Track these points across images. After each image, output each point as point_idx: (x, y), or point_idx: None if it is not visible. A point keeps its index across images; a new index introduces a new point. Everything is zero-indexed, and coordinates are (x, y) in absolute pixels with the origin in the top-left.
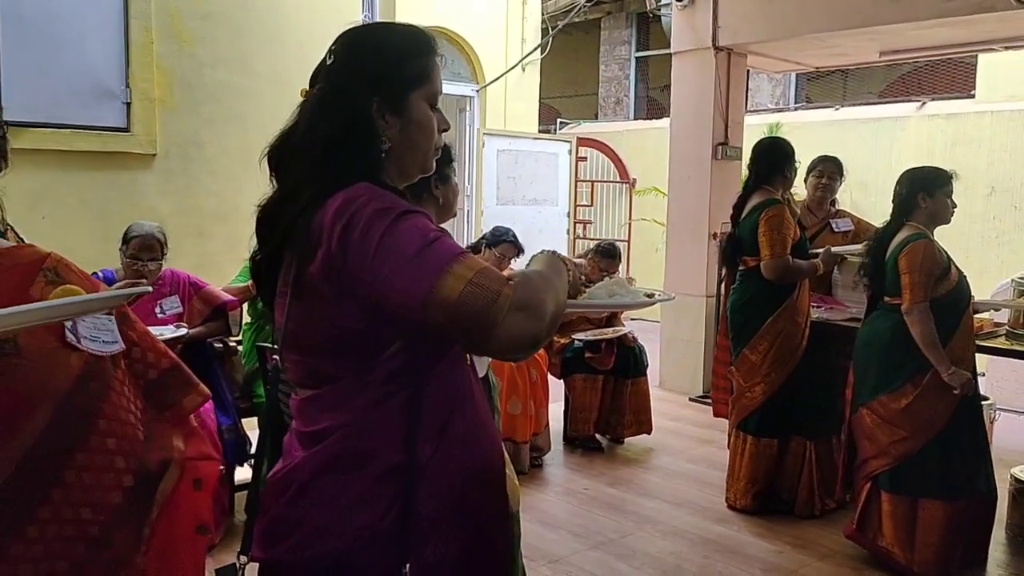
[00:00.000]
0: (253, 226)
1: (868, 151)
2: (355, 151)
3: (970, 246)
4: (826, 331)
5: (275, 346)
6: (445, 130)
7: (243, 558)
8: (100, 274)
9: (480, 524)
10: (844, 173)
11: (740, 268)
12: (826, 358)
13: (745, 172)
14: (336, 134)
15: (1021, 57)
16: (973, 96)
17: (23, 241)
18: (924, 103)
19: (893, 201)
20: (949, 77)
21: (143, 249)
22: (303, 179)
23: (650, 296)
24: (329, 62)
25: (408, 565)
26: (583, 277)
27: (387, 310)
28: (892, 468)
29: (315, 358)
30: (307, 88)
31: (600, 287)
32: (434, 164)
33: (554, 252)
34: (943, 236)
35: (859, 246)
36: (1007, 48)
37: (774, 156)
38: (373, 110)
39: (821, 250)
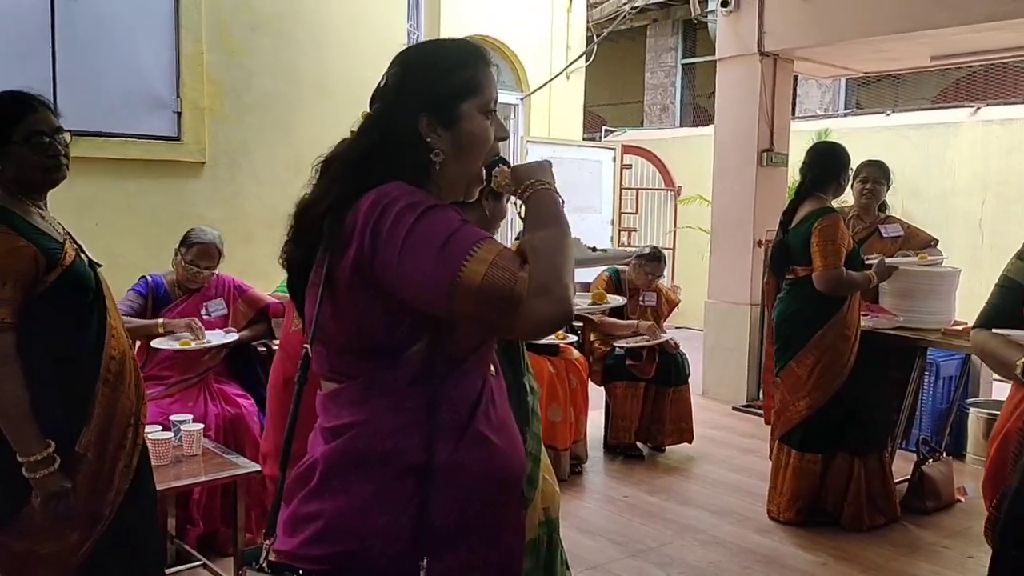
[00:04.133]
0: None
1: (920, 158)
2: (396, 160)
3: None
4: (876, 341)
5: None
6: (503, 138)
7: (267, 541)
8: (149, 278)
9: (498, 526)
10: (891, 178)
11: (788, 277)
12: (875, 371)
13: (794, 178)
14: (377, 144)
15: None
16: None
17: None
18: (978, 108)
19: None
20: (1005, 82)
21: (203, 256)
22: (340, 180)
23: (600, 251)
24: (383, 84)
25: (423, 565)
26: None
27: (415, 305)
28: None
29: (339, 353)
30: (367, 111)
31: None
32: (484, 176)
33: (540, 186)
34: (999, 241)
35: (913, 257)
36: None
37: (830, 162)
38: (422, 125)
39: (874, 260)
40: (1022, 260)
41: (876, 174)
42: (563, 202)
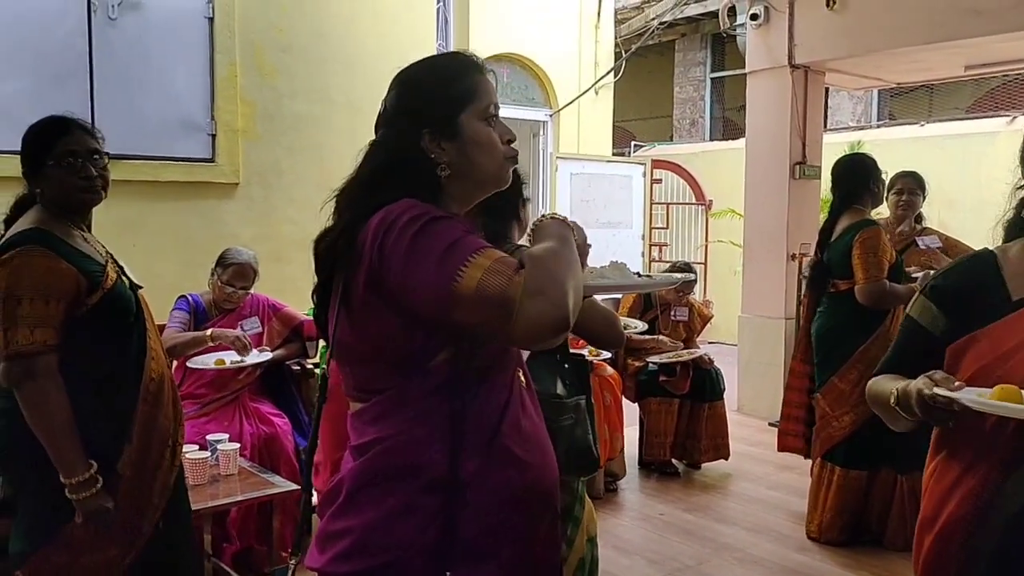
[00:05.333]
0: None
1: (955, 168)
2: (404, 179)
3: None
4: None
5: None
6: (511, 141)
7: (293, 560)
8: (189, 297)
9: (529, 542)
10: (926, 189)
11: (829, 291)
12: None
13: (826, 191)
14: (384, 166)
15: None
16: None
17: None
18: (1015, 118)
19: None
20: None
21: (238, 276)
22: (351, 205)
23: (645, 276)
24: (383, 110)
25: None
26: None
27: (424, 315)
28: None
29: (362, 370)
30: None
31: (596, 271)
32: (510, 176)
33: (554, 216)
34: None
35: None
36: None
37: (858, 171)
38: (425, 141)
39: (920, 274)
40: (929, 298)
41: (911, 185)
42: (579, 242)
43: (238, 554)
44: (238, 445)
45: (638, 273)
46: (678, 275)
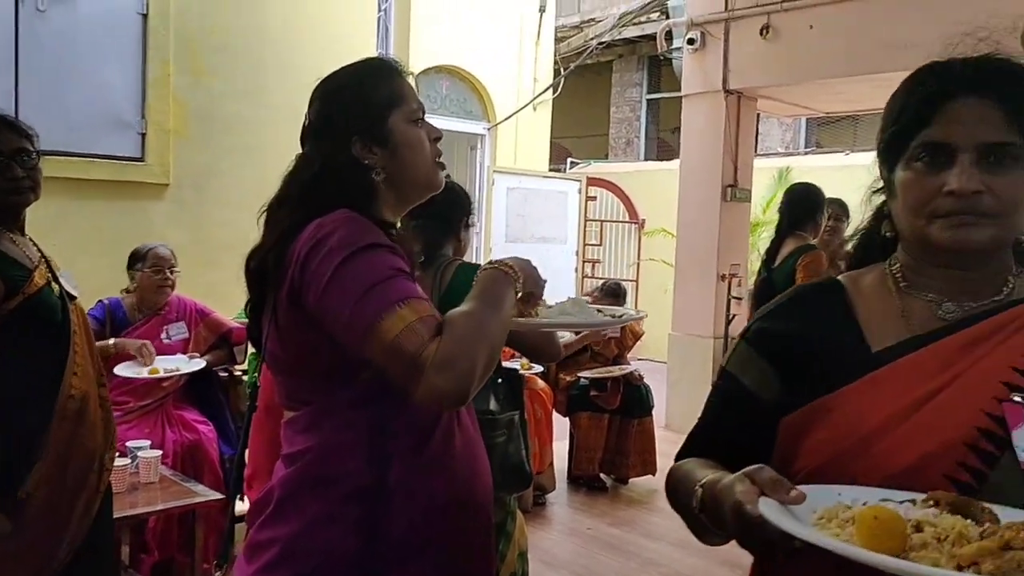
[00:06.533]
0: None
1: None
2: (335, 191)
3: None
4: None
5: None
6: (438, 138)
7: (218, 573)
8: (106, 302)
9: (459, 555)
10: (849, 214)
11: None
12: None
13: (755, 214)
14: (317, 177)
15: None
16: None
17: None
18: None
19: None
20: None
21: (163, 261)
22: (285, 218)
23: (616, 316)
24: (308, 123)
25: None
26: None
27: (335, 339)
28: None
29: (291, 380)
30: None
31: (555, 307)
32: (443, 180)
33: (499, 266)
34: None
35: None
36: None
37: (807, 202)
38: (357, 149)
39: None
40: (753, 345)
41: (837, 211)
42: (519, 291)
43: (157, 565)
44: (159, 452)
45: (599, 310)
46: (631, 312)
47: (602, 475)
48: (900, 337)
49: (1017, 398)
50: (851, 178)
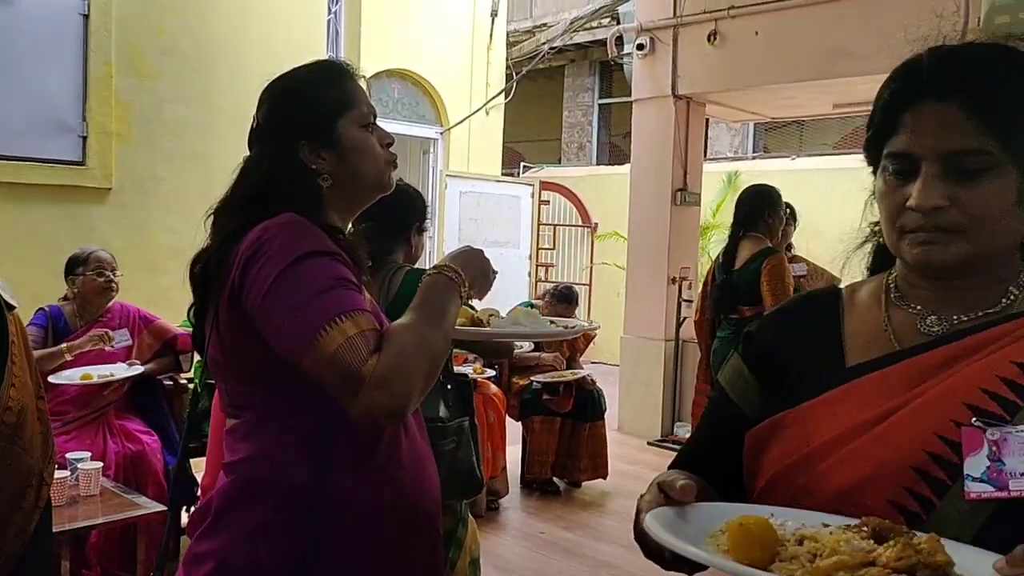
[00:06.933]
0: None
1: (823, 201)
2: (284, 193)
3: None
4: None
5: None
6: (389, 144)
7: None
8: (47, 309)
9: (401, 564)
10: (796, 219)
11: (732, 317)
12: None
13: (706, 218)
14: (263, 181)
15: None
16: None
17: None
18: None
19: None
20: None
21: (103, 264)
22: (230, 222)
23: (567, 328)
24: (256, 125)
25: None
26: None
27: (275, 348)
28: None
29: (232, 386)
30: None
31: (507, 317)
32: (393, 181)
33: (443, 271)
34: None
35: None
36: None
37: (754, 201)
38: (305, 153)
39: None
40: (742, 356)
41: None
42: (465, 295)
43: None
44: (100, 464)
45: (552, 321)
46: (583, 323)
47: (555, 479)
48: (880, 352)
49: (978, 423)
50: (797, 182)
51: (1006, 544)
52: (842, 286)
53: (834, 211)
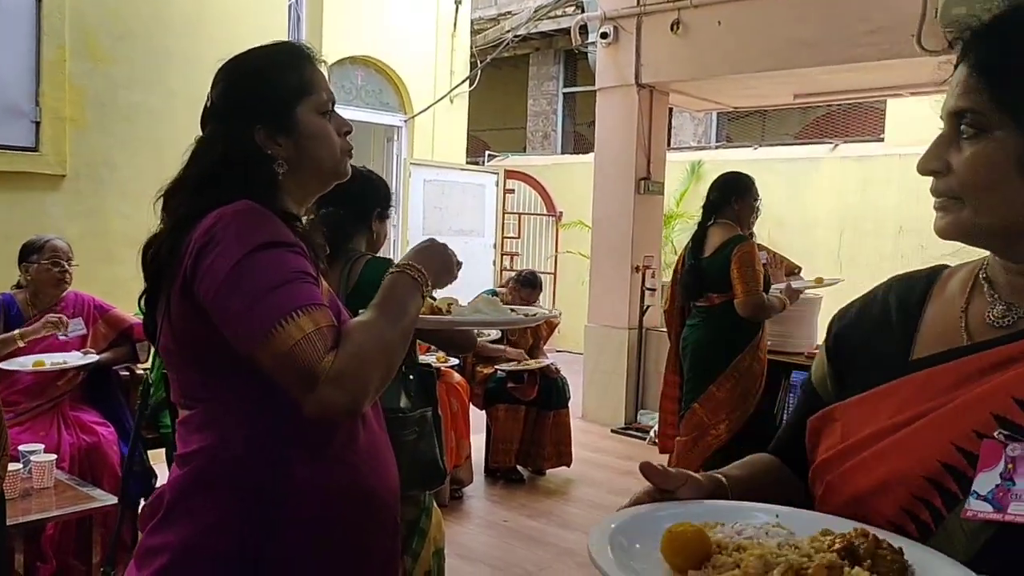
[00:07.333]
0: None
1: (784, 190)
2: (236, 180)
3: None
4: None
5: None
6: (348, 132)
7: None
8: (0, 299)
9: (357, 556)
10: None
11: (701, 304)
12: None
13: (670, 209)
14: (217, 165)
15: (927, 103)
16: (882, 140)
17: None
18: (837, 145)
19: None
20: (860, 121)
21: (60, 251)
22: (182, 206)
23: (529, 316)
24: (209, 105)
25: None
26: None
27: (230, 341)
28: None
29: (186, 377)
30: (200, 135)
31: (469, 305)
32: (349, 169)
33: (406, 269)
34: (856, 273)
35: (811, 280)
36: (913, 94)
37: (722, 187)
38: (260, 137)
39: (781, 286)
40: (826, 343)
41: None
42: (427, 293)
43: (54, 575)
44: (54, 456)
45: (512, 309)
46: (544, 311)
47: (519, 467)
48: (947, 346)
49: (1000, 436)
50: (759, 172)
51: (1001, 572)
52: (949, 264)
53: (795, 200)
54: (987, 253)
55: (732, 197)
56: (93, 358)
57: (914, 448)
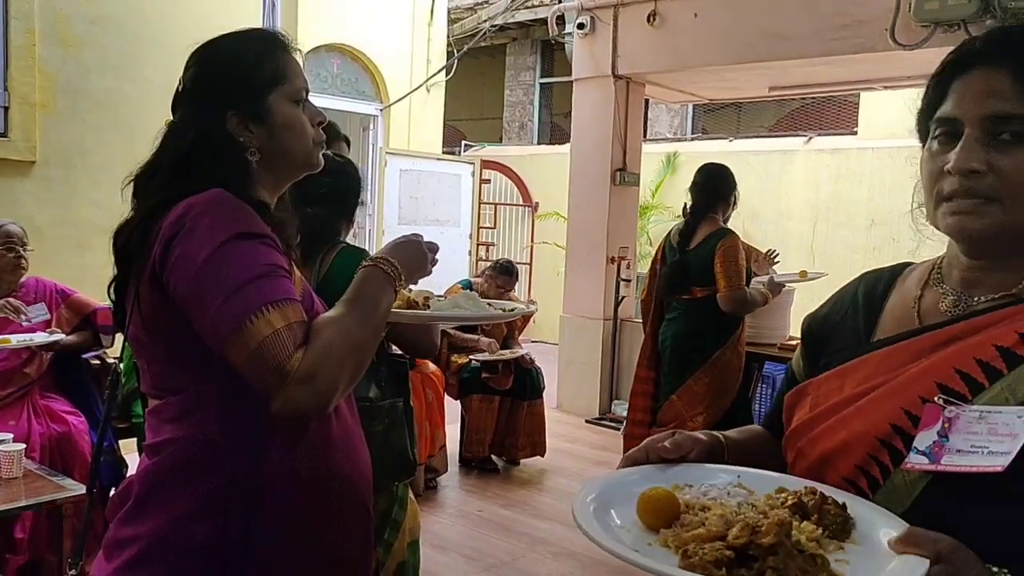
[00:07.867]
0: None
1: (759, 182)
2: (208, 167)
3: (852, 276)
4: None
5: None
6: (321, 123)
7: (72, 572)
8: None
9: (331, 545)
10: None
11: (684, 297)
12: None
13: (645, 200)
14: (188, 151)
15: (899, 96)
16: (855, 133)
17: None
18: (811, 138)
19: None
20: (834, 114)
21: (12, 237)
22: (153, 194)
23: (506, 311)
24: (181, 89)
25: None
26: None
27: (199, 333)
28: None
29: (157, 368)
30: (171, 119)
31: (447, 300)
32: (321, 159)
33: (378, 263)
34: (828, 264)
35: (795, 274)
36: (886, 88)
37: (720, 184)
38: (233, 124)
39: (764, 279)
40: (802, 331)
41: None
42: (400, 288)
43: (25, 566)
44: (23, 446)
45: (489, 303)
46: (522, 306)
47: (493, 457)
48: (902, 329)
49: (940, 400)
50: (734, 164)
51: (931, 519)
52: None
53: (770, 193)
54: (943, 252)
55: (728, 192)
56: (59, 336)
57: (870, 414)
